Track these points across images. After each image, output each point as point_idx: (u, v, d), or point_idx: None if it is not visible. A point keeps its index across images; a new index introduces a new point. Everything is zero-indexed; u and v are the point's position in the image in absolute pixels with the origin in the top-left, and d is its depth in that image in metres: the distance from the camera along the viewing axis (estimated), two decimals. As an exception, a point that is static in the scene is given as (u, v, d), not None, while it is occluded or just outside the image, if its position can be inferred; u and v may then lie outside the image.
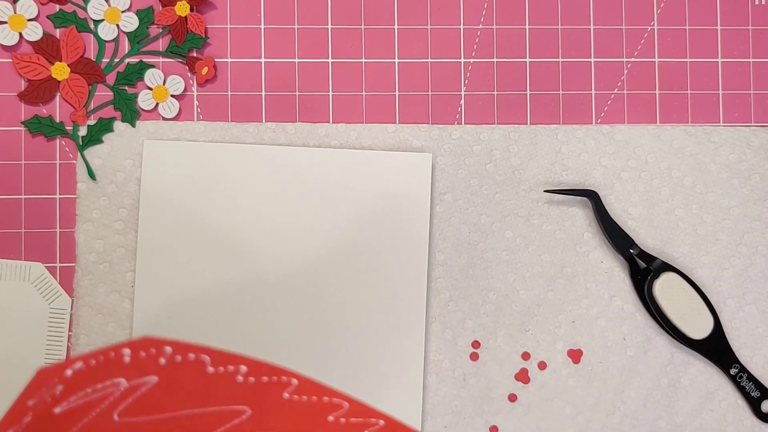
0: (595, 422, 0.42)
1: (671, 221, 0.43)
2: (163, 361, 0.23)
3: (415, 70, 0.43)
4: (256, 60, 0.43)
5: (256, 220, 0.41)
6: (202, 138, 0.42)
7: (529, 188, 0.43)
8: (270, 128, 0.42)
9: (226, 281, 0.41)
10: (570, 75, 0.43)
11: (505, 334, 0.42)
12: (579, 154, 0.43)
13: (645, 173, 0.43)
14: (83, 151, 0.42)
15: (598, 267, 0.43)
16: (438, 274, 0.42)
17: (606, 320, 0.43)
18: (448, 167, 0.43)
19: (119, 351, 0.23)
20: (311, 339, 0.41)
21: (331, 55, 0.43)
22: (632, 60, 0.44)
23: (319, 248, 0.41)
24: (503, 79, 0.43)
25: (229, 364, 0.24)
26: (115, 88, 0.42)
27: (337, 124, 0.43)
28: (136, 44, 0.42)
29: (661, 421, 0.42)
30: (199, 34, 0.42)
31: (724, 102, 0.44)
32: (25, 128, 0.42)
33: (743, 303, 0.43)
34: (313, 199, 0.41)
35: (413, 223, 0.42)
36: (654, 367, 0.43)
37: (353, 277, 0.41)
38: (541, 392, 0.42)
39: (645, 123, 0.43)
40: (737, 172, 0.43)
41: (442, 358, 0.42)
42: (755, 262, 0.43)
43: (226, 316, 0.41)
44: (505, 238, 0.43)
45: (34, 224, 0.42)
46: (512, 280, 0.42)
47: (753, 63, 0.44)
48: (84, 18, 0.42)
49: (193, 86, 0.42)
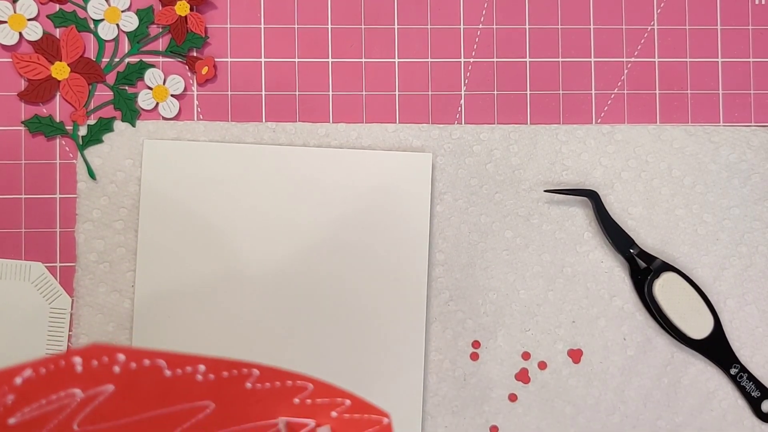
0: (595, 422, 0.42)
1: (671, 221, 0.43)
2: (118, 369, 0.23)
3: (415, 70, 0.43)
4: (256, 60, 0.43)
5: (256, 220, 0.41)
6: (202, 138, 0.42)
7: (529, 188, 0.43)
8: (270, 128, 0.42)
9: (226, 281, 0.41)
10: (570, 75, 0.43)
11: (505, 333, 0.42)
12: (579, 154, 0.43)
13: (645, 173, 0.43)
14: (83, 150, 0.42)
15: (598, 267, 0.43)
16: (438, 273, 0.42)
17: (606, 320, 0.43)
18: (448, 167, 0.42)
19: (69, 359, 0.22)
20: (311, 339, 0.41)
21: (331, 55, 0.43)
22: (632, 60, 0.44)
23: (319, 248, 0.41)
24: (503, 78, 0.43)
25: (187, 365, 0.24)
26: (115, 87, 0.42)
27: (337, 123, 0.43)
28: (136, 44, 0.42)
29: (661, 421, 0.42)
30: (199, 33, 0.42)
31: (724, 102, 0.44)
32: (25, 128, 0.42)
33: (743, 303, 0.43)
34: (313, 199, 0.41)
35: (413, 222, 0.42)
36: (654, 367, 0.43)
37: (353, 276, 0.41)
38: (542, 392, 0.42)
39: (645, 123, 0.43)
40: (737, 172, 0.43)
41: (442, 358, 0.42)
42: (755, 262, 0.43)
43: (226, 316, 0.41)
44: (505, 238, 0.43)
45: (35, 224, 0.42)
46: (512, 279, 0.42)
47: (753, 63, 0.44)
48: (84, 17, 0.42)
49: (193, 86, 0.42)
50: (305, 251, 0.41)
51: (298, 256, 0.41)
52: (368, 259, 0.41)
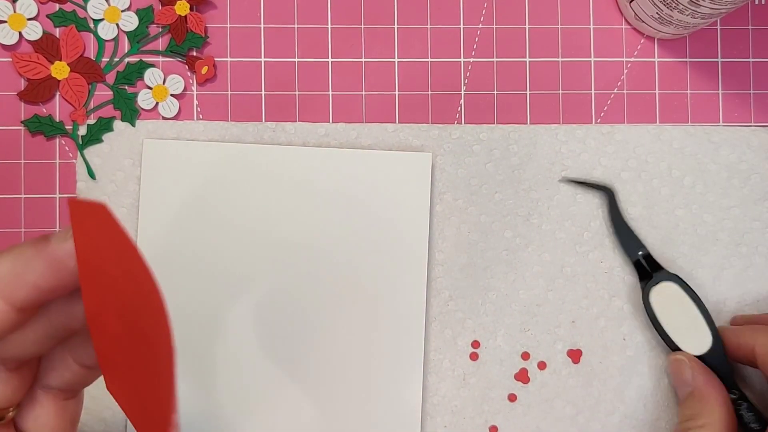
0: (595, 422, 0.42)
1: (671, 221, 0.43)
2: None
3: (415, 70, 0.43)
4: (256, 59, 0.43)
5: (255, 219, 0.41)
6: (201, 137, 0.42)
7: (529, 188, 0.43)
8: (270, 128, 0.42)
9: (226, 280, 0.41)
10: (570, 75, 0.43)
11: (505, 333, 0.42)
12: (579, 154, 0.43)
13: (645, 173, 0.43)
14: (83, 150, 0.42)
15: (598, 267, 0.43)
16: (438, 273, 0.42)
17: (606, 320, 0.43)
18: (448, 167, 0.42)
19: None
20: (311, 338, 0.41)
21: (331, 55, 0.43)
22: (632, 60, 0.44)
23: (318, 248, 0.41)
24: (503, 78, 0.43)
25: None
26: (114, 87, 0.42)
27: (336, 123, 0.43)
28: (135, 43, 0.42)
29: (661, 421, 0.42)
30: (199, 33, 0.42)
31: (724, 102, 0.44)
32: (24, 128, 0.42)
33: (743, 303, 0.43)
34: (312, 199, 0.41)
35: (413, 222, 0.41)
36: (654, 367, 0.42)
37: (352, 276, 0.41)
38: (541, 392, 0.42)
39: (645, 123, 0.43)
40: (737, 172, 0.43)
41: (441, 358, 0.42)
42: (755, 262, 0.43)
43: (226, 316, 0.41)
44: (505, 238, 0.43)
45: (34, 224, 0.42)
46: (512, 279, 0.42)
47: (753, 63, 0.44)
48: (84, 17, 0.42)
49: (193, 86, 0.42)
50: (305, 251, 0.41)
51: (298, 255, 0.41)
52: (367, 259, 0.41)
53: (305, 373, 0.41)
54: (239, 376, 0.41)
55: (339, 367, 0.41)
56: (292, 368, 0.41)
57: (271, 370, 0.41)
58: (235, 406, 0.41)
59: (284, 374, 0.41)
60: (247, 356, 0.41)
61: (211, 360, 0.41)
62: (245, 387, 0.41)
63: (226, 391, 0.41)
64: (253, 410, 0.41)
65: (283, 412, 0.41)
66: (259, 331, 0.41)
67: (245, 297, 0.41)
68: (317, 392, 0.41)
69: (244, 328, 0.41)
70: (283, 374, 0.41)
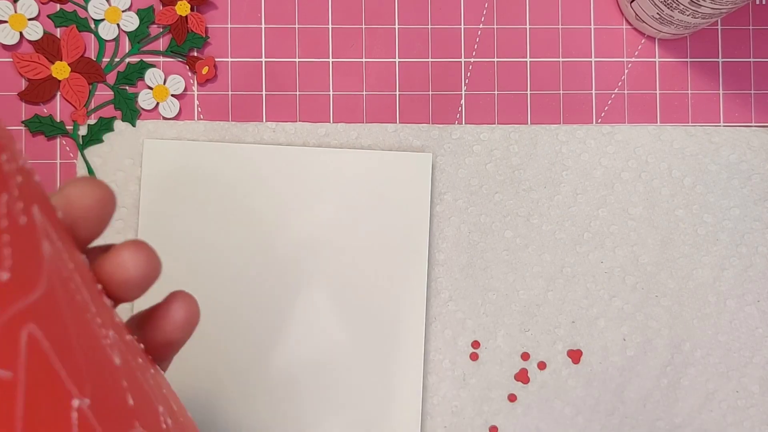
0: (595, 423, 0.42)
1: (671, 221, 0.43)
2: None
3: (416, 70, 0.43)
4: (256, 60, 0.43)
5: (255, 219, 0.41)
6: (202, 137, 0.42)
7: (530, 188, 0.43)
8: (270, 128, 0.42)
9: (226, 280, 0.41)
10: (570, 75, 0.43)
11: (505, 334, 0.42)
12: (579, 154, 0.43)
13: (645, 173, 0.43)
14: (83, 150, 0.42)
15: (598, 267, 0.43)
16: (438, 273, 0.42)
17: (606, 320, 0.43)
18: (448, 167, 0.42)
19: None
20: (310, 338, 0.41)
21: (332, 55, 0.43)
22: (633, 60, 0.44)
23: (318, 248, 0.41)
24: (503, 78, 0.43)
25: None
26: (115, 87, 0.42)
27: (337, 123, 0.43)
28: (136, 44, 0.42)
29: (661, 421, 0.42)
30: (200, 33, 0.42)
31: (725, 102, 0.44)
32: (25, 128, 0.42)
33: (743, 303, 0.43)
34: (312, 199, 0.41)
35: (413, 222, 0.42)
36: (654, 367, 0.42)
37: (352, 276, 0.41)
38: (541, 392, 0.42)
39: (645, 123, 0.43)
40: (737, 172, 0.43)
41: (441, 358, 0.42)
42: (755, 262, 0.43)
43: (226, 316, 0.41)
44: (505, 238, 0.43)
45: (35, 223, 0.42)
46: (512, 280, 0.42)
47: (753, 63, 0.44)
48: (84, 17, 0.42)
49: (194, 86, 0.42)
50: (305, 251, 0.41)
51: (298, 255, 0.41)
52: (367, 259, 0.41)
53: (305, 372, 0.41)
54: (239, 375, 0.41)
55: (339, 366, 0.41)
56: (292, 368, 0.41)
57: (270, 369, 0.41)
58: (235, 406, 0.41)
59: (284, 374, 0.41)
60: (247, 356, 0.41)
61: (211, 359, 0.41)
62: (245, 386, 0.41)
63: (226, 389, 0.41)
64: (253, 409, 0.41)
65: (282, 411, 0.41)
66: (259, 331, 0.41)
67: (245, 297, 0.41)
68: (317, 391, 0.41)
69: (244, 328, 0.41)
70: (283, 374, 0.41)
